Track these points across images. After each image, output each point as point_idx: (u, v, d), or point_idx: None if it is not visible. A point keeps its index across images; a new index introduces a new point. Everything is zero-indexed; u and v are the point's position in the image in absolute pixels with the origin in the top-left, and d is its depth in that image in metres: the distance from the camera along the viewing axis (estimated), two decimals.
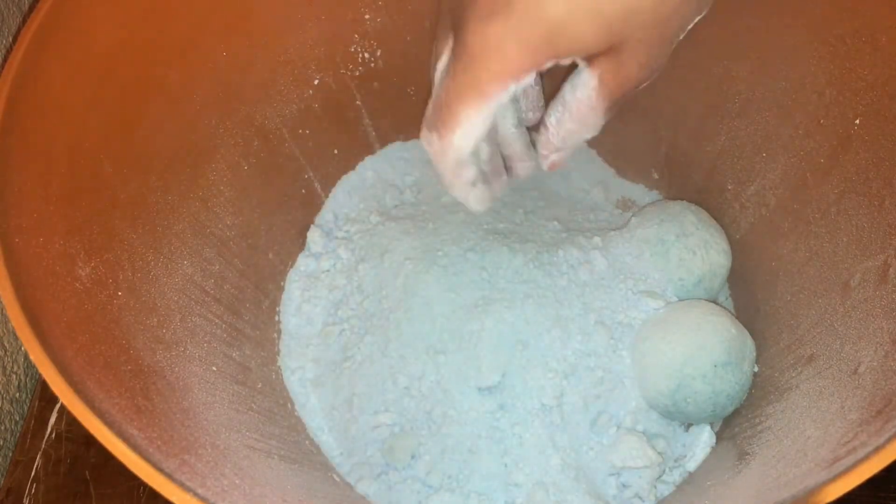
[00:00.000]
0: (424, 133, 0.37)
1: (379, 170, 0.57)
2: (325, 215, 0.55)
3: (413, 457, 0.46)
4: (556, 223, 0.53)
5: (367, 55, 0.53)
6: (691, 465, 0.46)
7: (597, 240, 0.51)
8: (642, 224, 0.51)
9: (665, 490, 0.45)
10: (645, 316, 0.48)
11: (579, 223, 0.54)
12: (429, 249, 0.51)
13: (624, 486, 0.45)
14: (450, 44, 0.36)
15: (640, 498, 0.45)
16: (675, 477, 0.46)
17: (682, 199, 0.53)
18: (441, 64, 0.38)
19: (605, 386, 0.46)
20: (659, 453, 0.45)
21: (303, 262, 0.53)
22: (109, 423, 0.28)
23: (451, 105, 0.33)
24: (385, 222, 0.53)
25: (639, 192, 0.57)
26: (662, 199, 0.56)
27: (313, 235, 0.54)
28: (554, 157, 0.38)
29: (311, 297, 0.52)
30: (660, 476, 0.45)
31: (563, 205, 0.55)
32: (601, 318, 0.48)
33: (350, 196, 0.56)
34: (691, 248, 0.49)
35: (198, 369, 0.41)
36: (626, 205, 0.57)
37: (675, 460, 0.46)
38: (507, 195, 0.54)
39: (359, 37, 0.52)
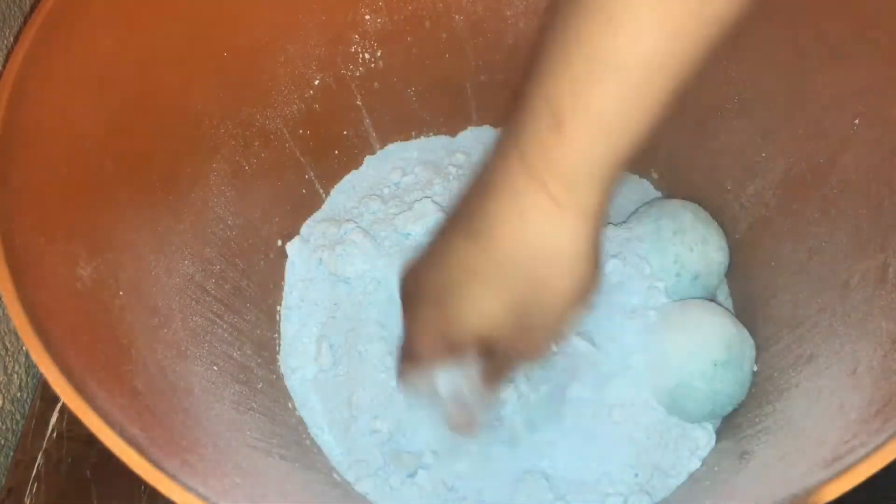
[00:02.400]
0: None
1: (379, 170, 0.57)
2: (326, 215, 0.55)
3: (419, 468, 0.46)
4: None
5: (367, 56, 0.53)
6: (691, 465, 0.46)
7: None
8: (640, 221, 0.51)
9: (665, 490, 0.45)
10: (642, 311, 0.48)
11: None
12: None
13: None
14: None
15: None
16: (676, 477, 0.46)
17: (681, 199, 0.53)
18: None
19: (611, 384, 0.47)
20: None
21: (303, 262, 0.53)
22: (111, 423, 0.28)
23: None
24: (385, 222, 0.54)
25: (638, 192, 0.57)
26: (662, 198, 0.57)
27: (314, 234, 0.54)
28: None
29: (311, 297, 0.52)
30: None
31: None
32: (598, 313, 0.48)
33: (350, 196, 0.56)
34: (688, 244, 0.49)
35: (199, 369, 0.41)
36: (625, 203, 0.56)
37: (675, 460, 0.46)
38: None
39: (359, 37, 0.52)
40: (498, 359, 0.38)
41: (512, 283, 0.32)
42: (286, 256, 0.53)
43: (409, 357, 0.40)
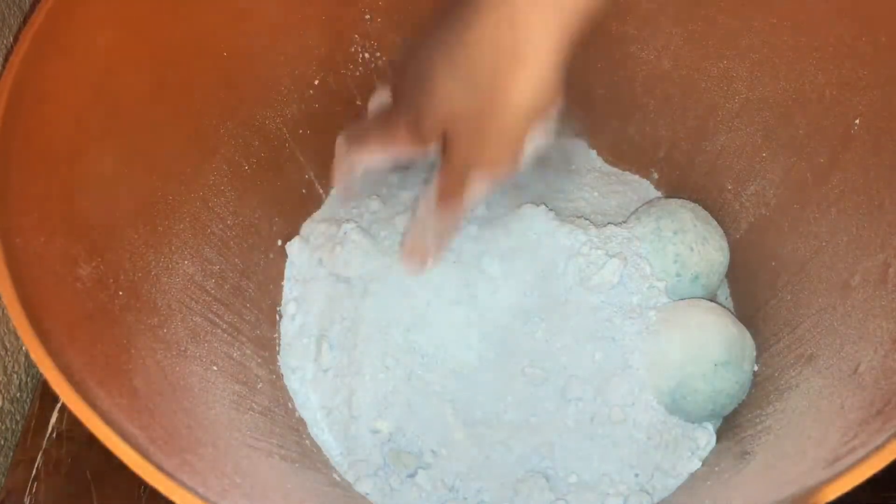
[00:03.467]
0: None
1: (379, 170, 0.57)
2: (325, 215, 0.55)
3: (419, 467, 0.46)
4: (554, 219, 0.53)
5: (367, 55, 0.53)
6: (691, 465, 0.46)
7: (595, 234, 0.51)
8: (640, 220, 0.51)
9: (665, 490, 0.45)
10: (642, 311, 0.48)
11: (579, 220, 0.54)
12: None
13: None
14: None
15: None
16: (676, 477, 0.46)
17: (681, 198, 0.53)
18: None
19: (611, 384, 0.47)
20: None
21: (304, 262, 0.53)
22: (110, 423, 0.28)
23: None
24: (385, 222, 0.54)
25: (638, 191, 0.57)
26: (662, 197, 0.57)
27: (314, 234, 0.54)
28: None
29: (310, 297, 0.52)
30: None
31: (564, 201, 0.55)
32: (598, 313, 0.48)
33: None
34: (688, 244, 0.49)
35: (198, 369, 0.41)
36: (625, 203, 0.57)
37: (676, 460, 0.46)
38: (507, 186, 0.54)
39: (359, 37, 0.52)
40: (454, 162, 0.38)
41: (476, 65, 0.34)
42: (286, 256, 0.53)
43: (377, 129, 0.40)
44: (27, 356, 0.53)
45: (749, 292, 0.51)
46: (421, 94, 0.37)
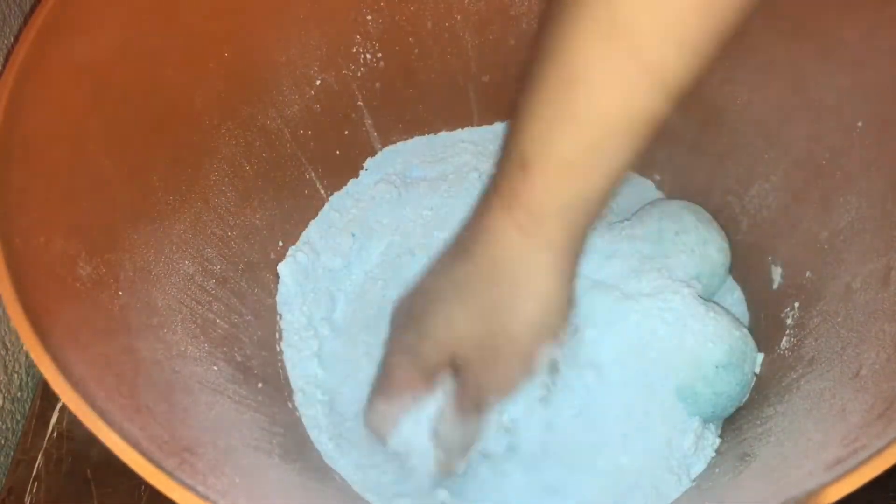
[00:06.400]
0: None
1: (378, 173, 0.57)
2: (327, 215, 0.55)
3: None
4: None
5: (368, 56, 0.53)
6: (692, 467, 0.46)
7: (594, 236, 0.50)
8: (642, 221, 0.51)
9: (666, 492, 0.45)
10: (642, 312, 0.48)
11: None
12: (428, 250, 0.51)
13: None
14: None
15: None
16: (677, 478, 0.46)
17: (683, 199, 0.53)
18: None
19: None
20: None
21: (304, 263, 0.53)
22: (111, 423, 0.28)
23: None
24: (386, 221, 0.54)
25: (640, 192, 0.57)
26: (664, 198, 0.56)
27: (314, 235, 0.54)
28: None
29: (311, 297, 0.52)
30: None
31: None
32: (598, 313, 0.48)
33: (351, 196, 0.56)
34: (689, 245, 0.49)
35: (199, 369, 0.41)
36: (627, 203, 0.56)
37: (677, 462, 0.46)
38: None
39: (361, 37, 0.52)
40: (469, 388, 0.39)
41: (480, 298, 0.35)
42: (286, 256, 0.53)
43: (382, 392, 0.41)
44: (28, 356, 0.53)
45: (750, 294, 0.51)
46: (424, 328, 0.37)
